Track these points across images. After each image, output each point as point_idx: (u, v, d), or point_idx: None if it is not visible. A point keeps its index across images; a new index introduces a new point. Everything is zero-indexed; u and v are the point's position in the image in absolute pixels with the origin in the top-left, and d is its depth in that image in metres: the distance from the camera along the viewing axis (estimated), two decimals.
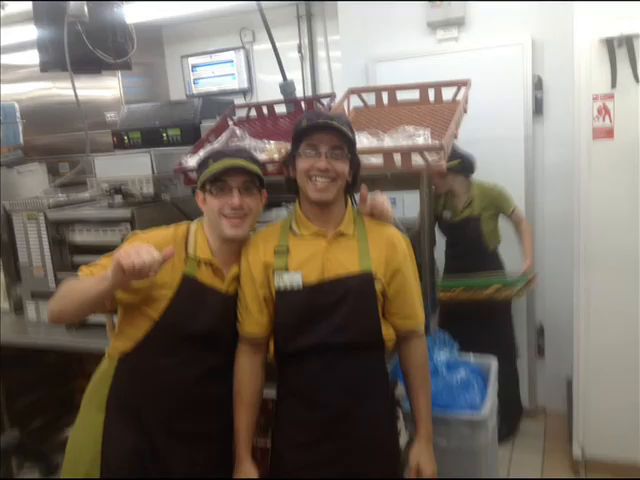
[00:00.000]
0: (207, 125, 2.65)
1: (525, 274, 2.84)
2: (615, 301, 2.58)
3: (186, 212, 2.16)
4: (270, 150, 2.04)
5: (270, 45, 2.69)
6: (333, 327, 1.49)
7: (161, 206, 2.32)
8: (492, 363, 2.17)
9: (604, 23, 2.40)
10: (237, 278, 1.59)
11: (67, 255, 2.47)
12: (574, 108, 2.52)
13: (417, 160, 1.83)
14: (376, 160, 1.88)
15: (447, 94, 2.26)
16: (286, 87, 2.61)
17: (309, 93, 3.85)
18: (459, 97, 2.23)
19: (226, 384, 1.60)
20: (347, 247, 1.55)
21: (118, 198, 2.32)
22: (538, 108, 3.09)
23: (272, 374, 1.61)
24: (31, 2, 2.62)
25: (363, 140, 1.91)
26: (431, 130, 1.90)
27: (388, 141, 1.90)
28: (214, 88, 4.12)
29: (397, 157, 1.86)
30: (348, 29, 3.37)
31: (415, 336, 1.62)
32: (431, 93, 2.27)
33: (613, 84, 2.42)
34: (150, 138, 2.82)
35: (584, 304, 2.63)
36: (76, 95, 2.62)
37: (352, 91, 2.41)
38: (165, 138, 2.79)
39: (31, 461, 2.75)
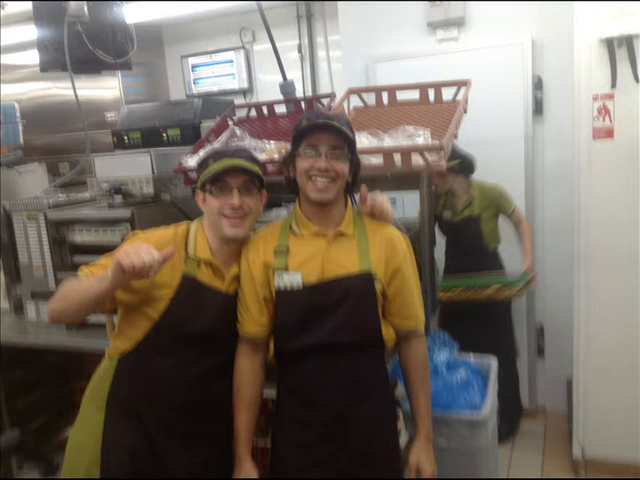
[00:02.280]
0: (207, 125, 2.65)
1: (525, 274, 2.84)
2: (615, 301, 2.58)
3: (186, 212, 2.17)
4: (270, 150, 2.04)
5: (270, 45, 2.69)
6: (333, 327, 1.49)
7: (161, 206, 2.32)
8: (492, 363, 2.17)
9: (604, 23, 2.40)
10: (237, 278, 1.59)
11: (67, 255, 2.47)
12: (574, 108, 2.52)
13: (417, 160, 1.83)
14: (376, 160, 1.88)
15: (447, 94, 2.26)
16: (286, 87, 2.61)
17: (309, 93, 3.86)
18: (459, 97, 2.23)
19: (226, 384, 1.60)
20: (347, 247, 1.55)
21: (118, 198, 2.32)
22: (538, 108, 3.08)
23: (272, 374, 1.61)
24: (31, 2, 2.62)
25: (363, 140, 1.91)
26: (431, 130, 1.90)
27: (388, 141, 1.90)
28: (214, 88, 4.12)
29: (397, 157, 1.86)
30: (348, 29, 3.37)
31: (415, 336, 1.62)
32: (431, 93, 2.27)
33: (613, 84, 2.42)
34: (150, 138, 2.82)
35: (584, 304, 2.63)
36: (76, 95, 2.62)
37: (352, 91, 2.41)
38: (165, 138, 2.80)
39: (31, 461, 2.75)
